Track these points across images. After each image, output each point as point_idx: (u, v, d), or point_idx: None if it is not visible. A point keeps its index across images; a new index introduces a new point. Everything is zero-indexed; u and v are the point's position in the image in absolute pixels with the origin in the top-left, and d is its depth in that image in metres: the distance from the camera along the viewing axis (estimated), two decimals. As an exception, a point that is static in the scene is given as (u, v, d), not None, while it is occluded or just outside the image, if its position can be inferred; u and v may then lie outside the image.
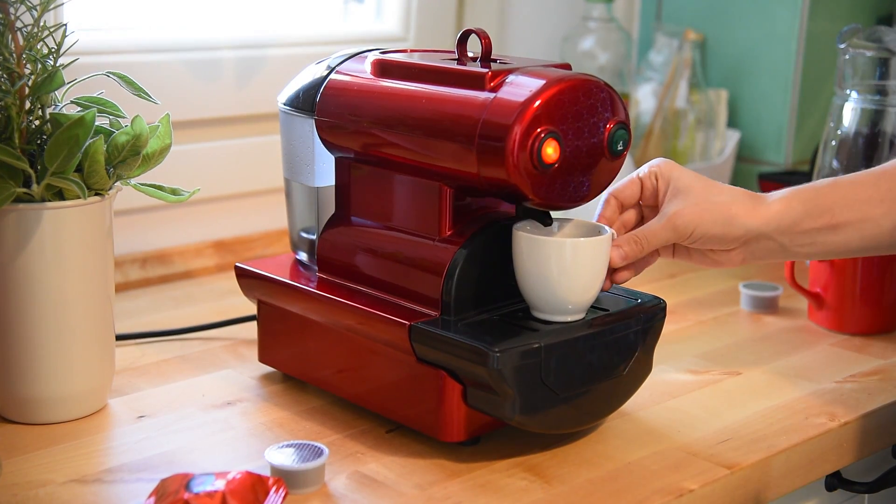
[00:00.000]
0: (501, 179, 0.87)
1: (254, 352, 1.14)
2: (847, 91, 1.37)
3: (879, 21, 1.75)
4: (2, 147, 0.90)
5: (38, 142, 0.95)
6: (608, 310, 0.96)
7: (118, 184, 0.98)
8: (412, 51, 1.05)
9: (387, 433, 0.97)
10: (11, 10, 0.92)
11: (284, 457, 0.87)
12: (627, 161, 1.57)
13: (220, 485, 0.80)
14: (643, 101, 1.73)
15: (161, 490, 0.81)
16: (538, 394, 0.88)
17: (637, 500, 0.86)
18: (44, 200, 0.93)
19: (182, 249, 1.41)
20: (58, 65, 0.94)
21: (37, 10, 0.93)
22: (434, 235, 0.94)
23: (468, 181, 0.91)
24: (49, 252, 0.93)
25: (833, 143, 1.39)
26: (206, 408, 1.02)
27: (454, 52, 0.97)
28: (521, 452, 0.93)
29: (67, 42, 0.95)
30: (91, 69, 1.02)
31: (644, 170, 1.01)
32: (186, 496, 0.78)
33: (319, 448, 0.88)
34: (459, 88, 0.91)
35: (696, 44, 1.73)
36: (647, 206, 1.01)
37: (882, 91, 1.35)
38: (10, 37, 0.92)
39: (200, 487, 0.79)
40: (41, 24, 0.93)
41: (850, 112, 1.38)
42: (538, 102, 0.86)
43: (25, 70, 0.93)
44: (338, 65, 1.02)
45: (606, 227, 0.95)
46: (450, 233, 0.94)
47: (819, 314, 1.25)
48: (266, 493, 0.82)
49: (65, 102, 0.98)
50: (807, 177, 1.54)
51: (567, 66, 0.93)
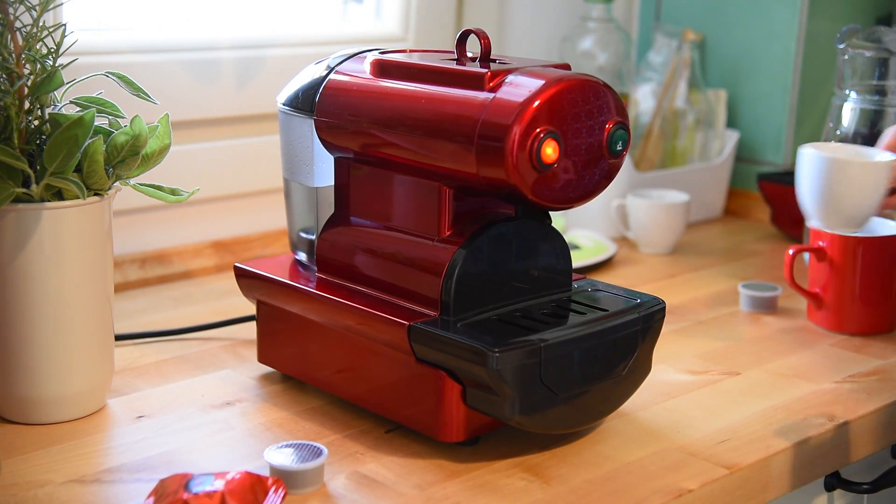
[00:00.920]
0: (501, 179, 0.87)
1: (253, 352, 1.14)
2: (846, 91, 1.38)
3: (879, 21, 1.75)
4: (1, 147, 0.90)
5: (38, 142, 0.95)
6: (607, 310, 0.96)
7: (117, 184, 0.98)
8: (411, 51, 1.05)
9: (386, 433, 0.97)
10: (11, 10, 0.92)
11: (284, 457, 0.87)
12: (626, 161, 1.58)
13: (220, 485, 0.80)
14: (642, 102, 1.73)
15: (160, 490, 0.81)
16: (537, 394, 0.88)
17: (636, 501, 0.86)
18: (43, 200, 0.93)
19: (181, 249, 1.41)
20: (57, 65, 0.94)
21: (36, 11, 0.93)
22: (433, 235, 0.94)
23: (467, 181, 0.91)
24: (48, 252, 0.93)
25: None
26: (206, 408, 1.02)
27: (453, 53, 0.97)
28: (521, 453, 0.93)
29: (66, 42, 0.95)
30: (90, 69, 1.02)
31: None
32: (185, 496, 0.79)
33: (318, 448, 0.88)
34: (459, 89, 0.91)
35: (696, 44, 1.73)
36: None
37: (881, 91, 1.35)
38: (10, 37, 0.92)
39: (199, 487, 0.79)
40: (40, 25, 0.93)
41: (850, 112, 1.38)
42: (537, 102, 0.86)
43: (25, 70, 0.93)
44: (337, 65, 1.02)
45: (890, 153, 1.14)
46: (449, 233, 0.94)
47: (818, 314, 1.25)
48: (265, 494, 0.82)
49: (64, 102, 0.98)
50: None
51: (566, 67, 0.93)
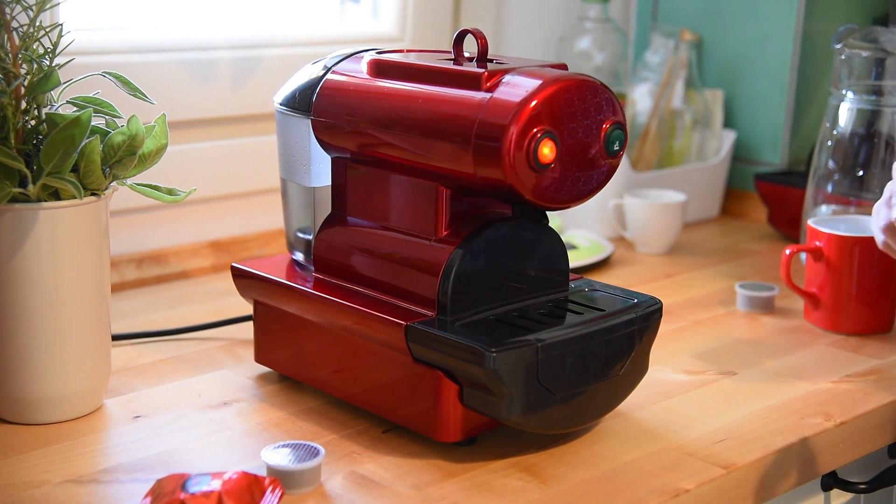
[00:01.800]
0: (498, 179, 0.87)
1: (250, 352, 1.14)
2: (843, 91, 1.38)
3: (875, 21, 1.75)
4: (-2, 147, 0.90)
5: (34, 142, 0.95)
6: (605, 310, 0.96)
7: (114, 184, 0.98)
8: (408, 51, 1.05)
9: (383, 433, 0.97)
10: (7, 10, 0.92)
11: (281, 457, 0.87)
12: (623, 161, 1.58)
13: (217, 485, 0.79)
14: (639, 102, 1.73)
15: (157, 490, 0.81)
16: (534, 394, 0.88)
17: (633, 500, 0.86)
18: (40, 200, 0.93)
19: (178, 249, 1.41)
20: (54, 65, 0.94)
21: (33, 10, 0.93)
22: (430, 236, 0.94)
23: (464, 181, 0.91)
24: (45, 252, 0.93)
25: (829, 144, 1.39)
26: (203, 408, 1.01)
27: (450, 53, 0.97)
28: (518, 452, 0.93)
29: (63, 42, 0.95)
30: (87, 69, 1.02)
31: None
32: (182, 496, 0.78)
33: (316, 448, 0.88)
34: (456, 89, 0.91)
35: (693, 44, 1.73)
36: None
37: (878, 91, 1.36)
38: (6, 37, 0.92)
39: (196, 488, 0.79)
40: (37, 24, 0.93)
41: (846, 112, 1.38)
42: (534, 103, 0.86)
43: (21, 70, 0.93)
44: (334, 65, 1.02)
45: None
46: (446, 233, 0.94)
47: (815, 314, 1.25)
48: (262, 494, 0.82)
49: (61, 102, 0.97)
50: (803, 177, 1.54)
51: (563, 67, 0.93)
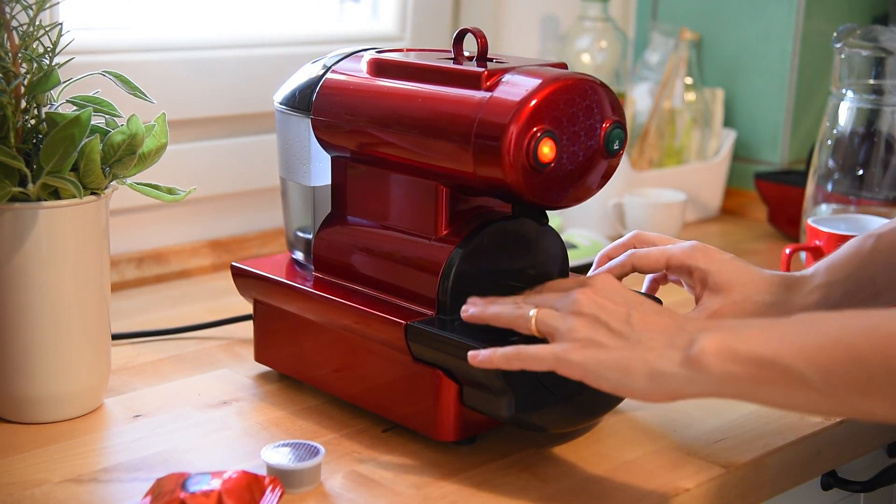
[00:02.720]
0: (498, 179, 0.87)
1: (250, 351, 1.14)
2: (843, 90, 1.38)
3: (875, 20, 1.75)
4: (-3, 146, 0.90)
5: (34, 141, 0.95)
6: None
7: (114, 183, 0.98)
8: (408, 50, 1.05)
9: (383, 432, 0.96)
10: (7, 9, 0.92)
11: (280, 456, 0.87)
12: (623, 161, 1.58)
13: (216, 484, 0.79)
14: (639, 101, 1.73)
15: (157, 489, 0.81)
16: (534, 393, 0.88)
17: (633, 500, 0.86)
18: (39, 200, 0.93)
19: (178, 249, 1.41)
20: (53, 64, 0.94)
21: (32, 10, 0.93)
22: (430, 235, 0.94)
23: (464, 180, 0.91)
24: (45, 251, 0.93)
25: (829, 143, 1.39)
26: (202, 407, 1.01)
27: (450, 52, 0.97)
28: (517, 452, 0.93)
29: (63, 41, 0.95)
30: (87, 68, 1.02)
31: (678, 254, 0.96)
32: (182, 495, 0.78)
33: (315, 447, 0.88)
34: (455, 88, 0.91)
35: (692, 43, 1.73)
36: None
37: (878, 90, 1.36)
38: (6, 36, 0.92)
39: (196, 487, 0.79)
40: (37, 24, 0.93)
41: (846, 111, 1.38)
42: (534, 102, 0.86)
43: (21, 69, 0.93)
44: (334, 64, 1.02)
45: None
46: (446, 232, 0.94)
47: (815, 313, 1.25)
48: (262, 493, 0.82)
49: (60, 102, 0.97)
50: (803, 176, 1.54)
51: (563, 66, 0.93)
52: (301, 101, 1.02)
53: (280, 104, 1.05)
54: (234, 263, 1.08)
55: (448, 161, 0.90)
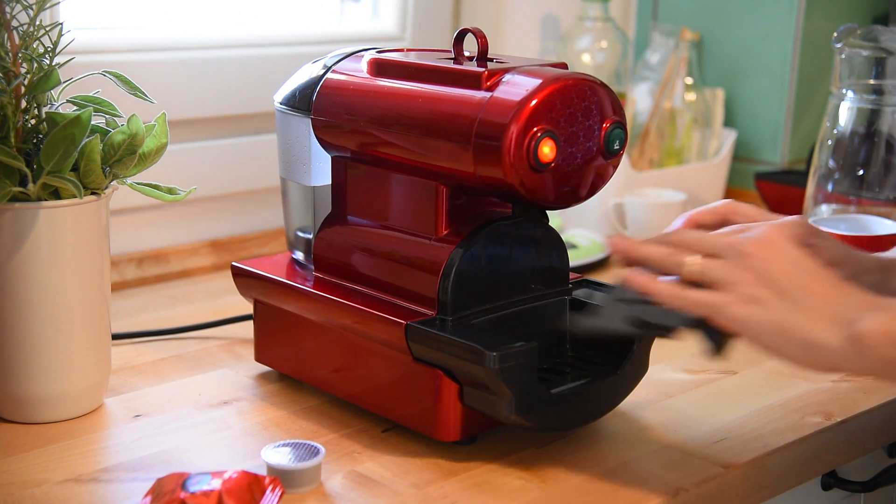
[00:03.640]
0: (498, 179, 0.87)
1: (250, 351, 1.14)
2: (843, 90, 1.38)
3: (875, 20, 1.75)
4: (-2, 146, 0.90)
5: (34, 141, 0.95)
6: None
7: (114, 183, 0.98)
8: (409, 50, 1.05)
9: (383, 432, 0.96)
10: (7, 9, 0.92)
11: (281, 456, 0.87)
12: (623, 161, 1.58)
13: (217, 484, 0.79)
14: (640, 101, 1.73)
15: (157, 489, 0.81)
16: (534, 393, 0.88)
17: (633, 500, 0.86)
18: (40, 200, 0.93)
19: (178, 249, 1.41)
20: (54, 64, 0.94)
21: (33, 9, 0.93)
22: (430, 235, 0.94)
23: (465, 180, 0.91)
24: (45, 251, 0.93)
25: (829, 143, 1.39)
26: (203, 407, 1.01)
27: (451, 52, 0.97)
28: (518, 452, 0.93)
29: (63, 41, 0.95)
30: (87, 68, 1.02)
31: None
32: (183, 495, 0.78)
33: (316, 447, 0.88)
34: (456, 88, 0.91)
35: (693, 43, 1.73)
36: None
37: (878, 90, 1.35)
38: (6, 35, 0.92)
39: (197, 487, 0.79)
40: (37, 23, 0.93)
41: (847, 111, 1.38)
42: (535, 102, 0.86)
43: (21, 69, 0.93)
44: (334, 64, 1.02)
45: None
46: (446, 232, 0.94)
47: (815, 313, 1.25)
48: (262, 493, 0.82)
49: (61, 101, 0.97)
50: (803, 176, 1.54)
51: (563, 66, 0.93)
52: (301, 101, 1.02)
53: (280, 104, 1.05)
54: (235, 263, 1.08)
55: (448, 161, 0.90)
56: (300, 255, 1.09)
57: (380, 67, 0.98)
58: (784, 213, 1.64)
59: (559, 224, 1.54)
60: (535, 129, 0.86)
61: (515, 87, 0.87)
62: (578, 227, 1.58)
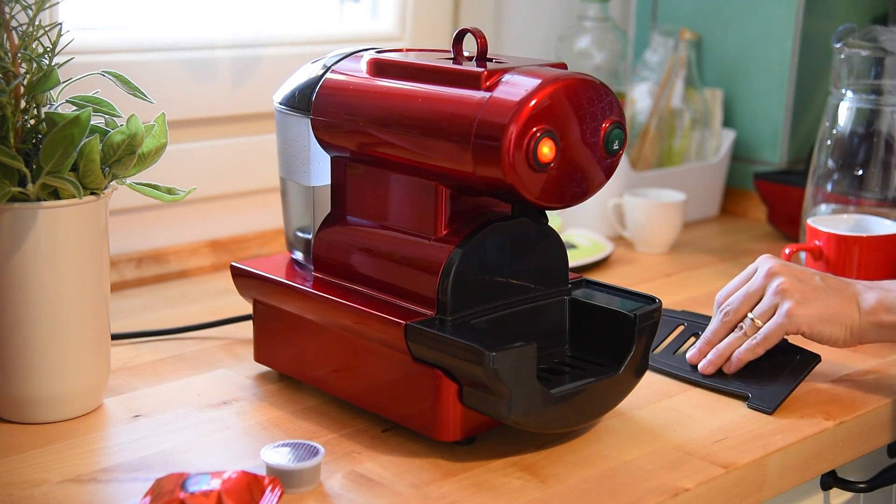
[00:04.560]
0: (497, 179, 0.87)
1: (249, 351, 1.14)
2: (842, 90, 1.38)
3: (875, 21, 1.75)
4: (-3, 146, 0.90)
5: (34, 141, 0.95)
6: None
7: (114, 183, 0.98)
8: (408, 50, 1.05)
9: (382, 432, 0.96)
10: (6, 9, 0.92)
11: (280, 456, 0.87)
12: (623, 161, 1.58)
13: (216, 484, 0.79)
14: (639, 101, 1.73)
15: (156, 489, 0.81)
16: (534, 393, 0.88)
17: (633, 500, 0.86)
18: (39, 200, 0.93)
19: (177, 249, 1.41)
20: (53, 64, 0.94)
21: (32, 10, 0.93)
22: (430, 235, 0.94)
23: (464, 180, 0.91)
24: (44, 251, 0.93)
25: (829, 143, 1.39)
26: (202, 407, 1.01)
27: (450, 52, 0.97)
28: (517, 452, 0.93)
29: (63, 41, 0.95)
30: (86, 68, 1.02)
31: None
32: (182, 496, 0.78)
33: (315, 447, 0.88)
34: (455, 88, 0.91)
35: (692, 43, 1.73)
36: None
37: (877, 90, 1.36)
38: (6, 36, 0.92)
39: (196, 487, 0.79)
40: (36, 24, 0.93)
41: (846, 111, 1.38)
42: (534, 102, 0.86)
43: (21, 69, 0.93)
44: (333, 64, 1.02)
45: None
46: (446, 232, 0.94)
47: (814, 313, 1.25)
48: (262, 493, 0.82)
49: (60, 102, 0.97)
50: (802, 176, 1.54)
51: (563, 66, 0.93)
52: (301, 101, 1.02)
53: (280, 104, 1.05)
54: (234, 263, 1.08)
55: (448, 161, 0.90)
56: (299, 256, 1.09)
57: (379, 67, 0.98)
58: (784, 214, 1.65)
59: (559, 224, 1.54)
60: (535, 129, 0.86)
61: (515, 88, 0.87)
62: (578, 227, 1.58)
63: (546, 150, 0.86)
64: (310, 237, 1.07)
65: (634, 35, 1.87)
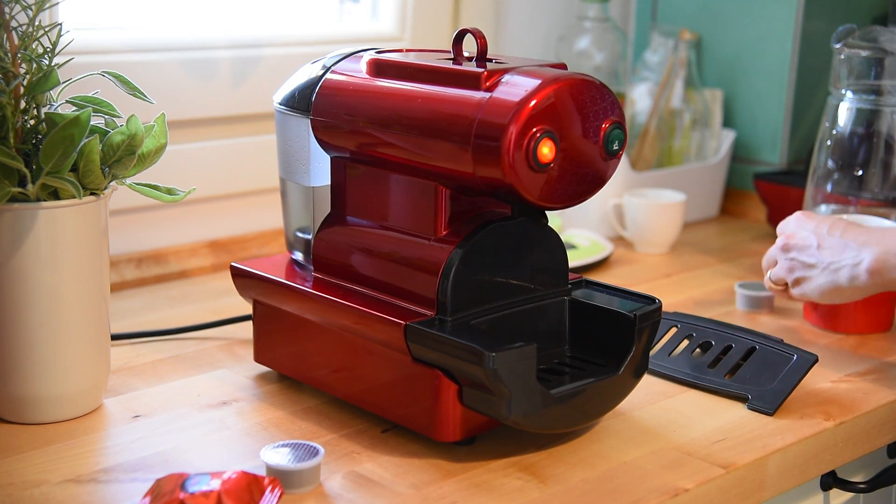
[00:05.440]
0: (497, 179, 0.87)
1: (249, 351, 1.14)
2: (842, 91, 1.38)
3: (874, 21, 1.75)
4: (-3, 146, 0.90)
5: (34, 141, 0.95)
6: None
7: (113, 183, 0.98)
8: (408, 50, 1.05)
9: (382, 433, 0.96)
10: (6, 10, 0.92)
11: (280, 456, 0.87)
12: (623, 161, 1.58)
13: (216, 484, 0.79)
14: (639, 101, 1.73)
15: (156, 490, 0.81)
16: (534, 393, 0.88)
17: (632, 500, 0.86)
18: (39, 200, 0.93)
19: (177, 249, 1.41)
20: (53, 64, 0.94)
21: (32, 10, 0.93)
22: (430, 235, 0.94)
23: (464, 181, 0.91)
24: (44, 252, 0.93)
25: (828, 143, 1.39)
26: (202, 407, 1.01)
27: (450, 52, 0.97)
28: (517, 452, 0.93)
29: (62, 41, 0.95)
30: (86, 68, 1.02)
31: None
32: (182, 496, 0.78)
33: (315, 448, 0.88)
34: (455, 88, 0.91)
35: (692, 43, 1.73)
36: None
37: (877, 91, 1.36)
38: (6, 36, 0.92)
39: (196, 487, 0.79)
40: (36, 24, 0.93)
41: (846, 112, 1.38)
42: (534, 102, 0.86)
43: (20, 69, 0.93)
44: (333, 64, 1.02)
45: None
46: (445, 232, 0.94)
47: (814, 314, 1.25)
48: (261, 493, 0.82)
49: (60, 102, 0.97)
50: (802, 176, 1.54)
51: (563, 66, 0.93)
52: (300, 102, 1.02)
53: (280, 104, 1.05)
54: (234, 264, 1.08)
55: (448, 161, 0.90)
56: (299, 256, 1.09)
57: (379, 68, 0.98)
58: (784, 214, 1.65)
59: (559, 224, 1.54)
60: (535, 130, 0.86)
61: (515, 88, 0.87)
62: (578, 227, 1.58)
63: (546, 151, 0.86)
64: (310, 237, 1.07)
65: (634, 35, 1.87)
